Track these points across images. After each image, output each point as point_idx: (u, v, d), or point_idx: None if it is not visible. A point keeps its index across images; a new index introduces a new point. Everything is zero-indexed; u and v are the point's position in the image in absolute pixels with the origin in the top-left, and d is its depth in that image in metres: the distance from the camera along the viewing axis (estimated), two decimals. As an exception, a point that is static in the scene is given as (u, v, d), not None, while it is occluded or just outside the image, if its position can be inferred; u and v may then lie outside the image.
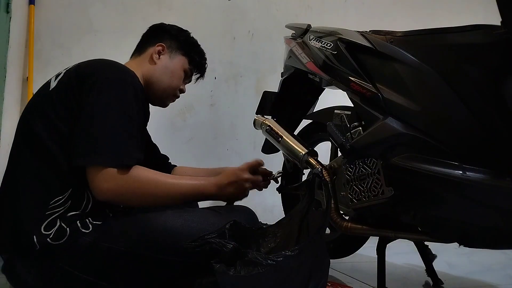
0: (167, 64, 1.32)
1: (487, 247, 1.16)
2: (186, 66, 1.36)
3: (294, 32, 1.71)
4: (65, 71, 1.16)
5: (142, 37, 1.40)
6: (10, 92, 2.03)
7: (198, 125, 2.50)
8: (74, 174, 1.03)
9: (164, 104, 1.39)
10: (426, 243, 1.48)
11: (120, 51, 2.43)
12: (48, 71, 2.26)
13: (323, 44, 1.43)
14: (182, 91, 1.40)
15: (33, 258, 1.01)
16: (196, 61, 1.39)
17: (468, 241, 1.10)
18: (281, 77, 1.79)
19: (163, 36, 1.35)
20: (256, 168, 1.26)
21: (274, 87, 1.84)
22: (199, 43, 1.41)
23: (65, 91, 1.08)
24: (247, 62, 2.64)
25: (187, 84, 1.42)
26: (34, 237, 0.99)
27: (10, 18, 2.05)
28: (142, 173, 1.05)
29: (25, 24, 2.21)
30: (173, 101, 1.40)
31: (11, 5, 2.04)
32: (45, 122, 1.06)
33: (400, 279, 1.58)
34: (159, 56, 1.31)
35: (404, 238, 1.25)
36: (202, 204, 1.40)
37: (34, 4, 2.22)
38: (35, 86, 2.19)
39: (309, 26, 1.62)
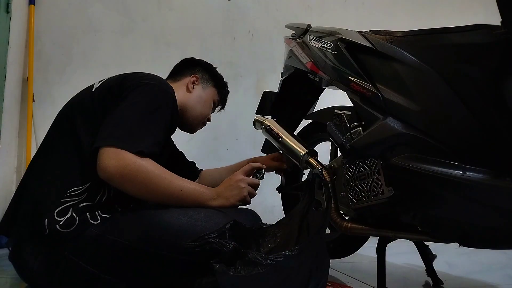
0: (201, 93, 1.46)
1: (487, 247, 1.16)
2: (215, 97, 1.52)
3: (294, 32, 1.71)
4: (107, 77, 1.25)
5: (174, 68, 1.53)
6: (10, 92, 2.03)
7: (198, 125, 2.50)
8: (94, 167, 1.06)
9: (193, 130, 1.52)
10: (426, 243, 1.48)
11: (120, 51, 2.44)
12: (48, 71, 2.26)
13: (323, 44, 1.43)
14: (209, 119, 1.55)
15: (40, 244, 1.04)
16: (222, 93, 1.55)
17: (468, 241, 1.10)
18: (281, 77, 1.79)
19: (195, 68, 1.50)
20: (252, 172, 1.31)
21: (274, 87, 1.84)
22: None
23: (106, 92, 1.17)
24: (247, 62, 2.64)
25: None
26: (46, 220, 1.02)
27: (10, 18, 2.04)
28: (150, 164, 1.06)
29: (25, 24, 2.21)
30: (201, 128, 1.54)
31: (11, 5, 2.04)
32: (82, 118, 1.14)
33: (400, 279, 1.58)
34: (194, 86, 1.45)
35: (404, 238, 1.25)
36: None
37: (34, 4, 2.23)
38: (35, 86, 2.19)
39: (309, 26, 1.62)
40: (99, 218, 1.06)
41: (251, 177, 1.28)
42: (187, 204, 1.10)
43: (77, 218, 1.04)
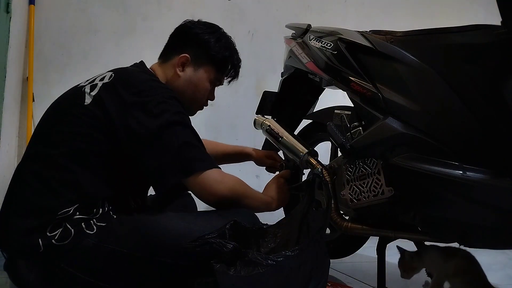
0: (191, 77, 1.27)
1: (487, 247, 1.16)
2: (212, 76, 1.30)
3: (294, 32, 1.71)
4: (101, 84, 1.13)
5: (169, 38, 1.34)
6: (10, 92, 2.03)
7: (198, 125, 2.49)
8: (88, 189, 1.05)
9: (190, 114, 1.35)
10: (426, 243, 1.48)
11: (120, 51, 2.45)
12: (48, 71, 2.26)
13: (323, 44, 1.43)
14: (210, 99, 1.37)
15: (36, 259, 1.01)
16: (226, 66, 1.33)
17: (468, 241, 1.10)
18: (281, 77, 1.79)
19: (188, 43, 1.28)
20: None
21: (274, 87, 1.84)
22: (231, 40, 1.35)
23: (102, 112, 1.08)
24: (247, 62, 2.63)
25: None
26: (40, 240, 1.00)
27: (10, 18, 2.04)
28: (239, 184, 1.19)
29: (25, 24, 2.21)
30: (201, 109, 1.39)
31: (11, 5, 2.04)
32: (71, 138, 1.07)
33: (400, 279, 1.58)
34: (183, 68, 1.26)
35: (404, 238, 1.25)
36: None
37: (34, 4, 2.22)
38: (35, 86, 2.19)
39: (309, 26, 1.62)
40: (94, 227, 1.03)
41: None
42: None
43: (72, 230, 1.01)
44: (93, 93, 1.11)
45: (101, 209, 1.07)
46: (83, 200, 1.05)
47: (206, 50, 1.28)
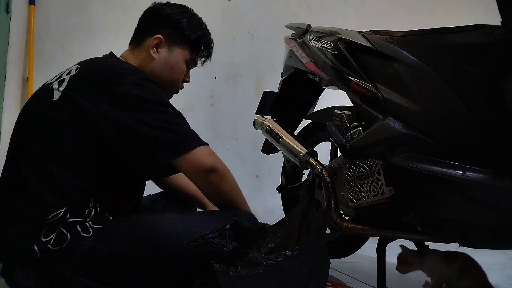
0: (166, 59, 1.24)
1: (487, 247, 1.16)
2: (187, 57, 1.27)
3: (294, 32, 1.71)
4: (68, 78, 1.10)
5: (138, 22, 1.30)
6: (10, 92, 2.04)
7: (198, 125, 2.49)
8: (73, 190, 1.02)
9: (167, 98, 1.32)
10: (426, 243, 1.48)
11: (120, 52, 2.44)
12: (48, 71, 2.26)
13: (323, 44, 1.43)
14: (186, 81, 1.33)
15: (33, 264, 1.00)
16: (200, 46, 1.30)
17: (468, 241, 1.10)
18: (281, 77, 1.79)
19: (160, 24, 1.25)
20: None
21: (274, 87, 1.84)
22: (203, 21, 1.33)
23: (73, 105, 1.04)
24: (247, 62, 2.64)
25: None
26: (35, 246, 0.98)
27: (10, 18, 2.05)
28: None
29: (25, 24, 2.21)
30: (178, 92, 1.34)
31: (11, 5, 2.04)
32: (46, 138, 1.04)
33: (400, 279, 1.58)
34: (157, 49, 1.23)
35: (404, 238, 1.25)
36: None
37: (34, 4, 2.22)
38: (35, 86, 2.19)
39: (309, 26, 1.62)
40: (91, 230, 1.01)
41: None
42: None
43: (68, 234, 0.99)
44: (61, 88, 1.07)
45: (93, 210, 1.04)
46: (69, 202, 1.01)
47: (179, 30, 1.25)
